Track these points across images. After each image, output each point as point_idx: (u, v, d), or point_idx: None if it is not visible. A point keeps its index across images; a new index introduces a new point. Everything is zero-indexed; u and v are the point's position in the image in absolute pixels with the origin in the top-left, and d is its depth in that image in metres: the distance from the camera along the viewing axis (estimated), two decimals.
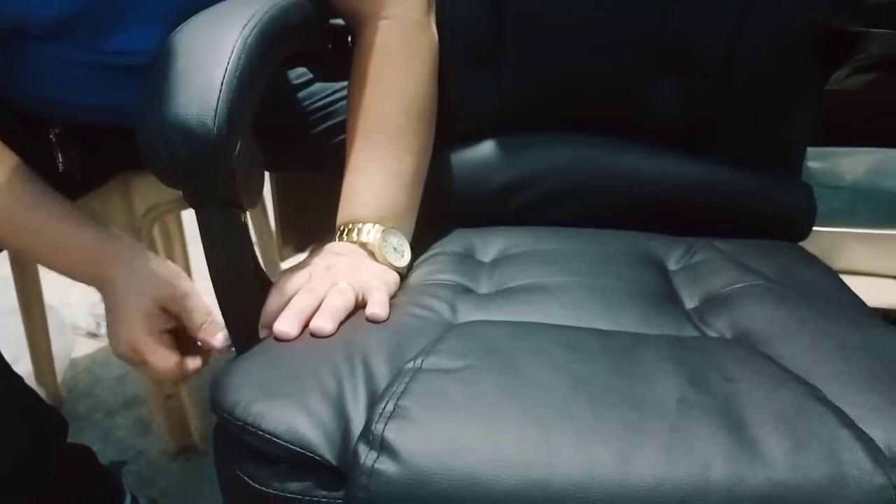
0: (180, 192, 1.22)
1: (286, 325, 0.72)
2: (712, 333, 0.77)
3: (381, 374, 0.65)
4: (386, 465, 0.55)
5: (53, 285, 1.46)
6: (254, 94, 0.74)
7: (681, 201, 1.02)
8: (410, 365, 0.65)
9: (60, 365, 1.58)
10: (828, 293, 0.85)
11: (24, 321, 1.47)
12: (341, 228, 0.87)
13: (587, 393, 0.61)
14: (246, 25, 0.73)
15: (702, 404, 0.60)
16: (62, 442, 1.01)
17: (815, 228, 1.03)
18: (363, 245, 0.85)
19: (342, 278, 0.78)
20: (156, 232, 1.35)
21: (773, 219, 1.04)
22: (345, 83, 0.98)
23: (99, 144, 1.02)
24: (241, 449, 0.62)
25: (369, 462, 0.56)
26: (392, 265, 0.85)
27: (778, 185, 1.04)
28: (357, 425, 0.60)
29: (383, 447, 0.56)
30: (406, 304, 0.79)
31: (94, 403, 1.56)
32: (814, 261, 0.95)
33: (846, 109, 1.18)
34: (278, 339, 0.72)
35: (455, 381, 0.62)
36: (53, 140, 0.99)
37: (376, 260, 0.84)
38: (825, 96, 1.02)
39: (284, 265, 1.54)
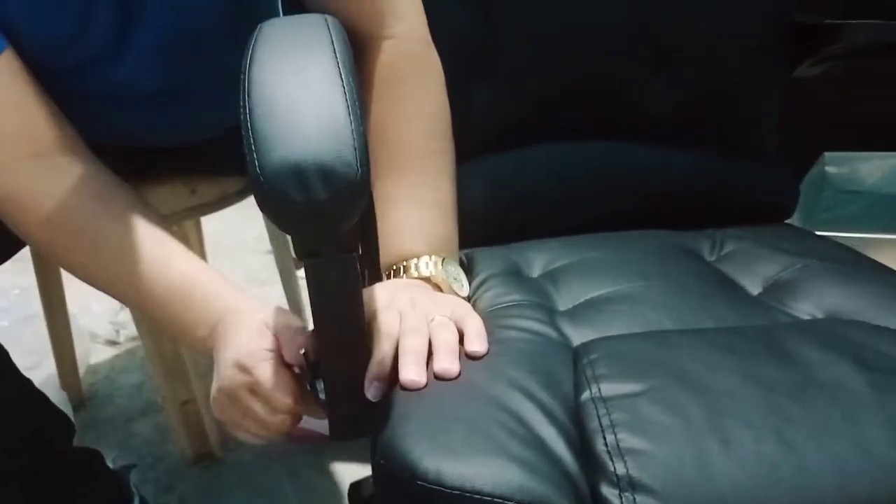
0: (193, 202, 1.19)
1: (413, 373, 0.62)
2: (804, 316, 0.74)
3: (555, 407, 0.59)
4: None
5: (73, 294, 1.42)
6: None
7: (681, 194, 1.00)
8: (587, 395, 0.59)
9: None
10: (863, 263, 0.86)
11: (48, 328, 1.41)
12: (395, 267, 0.77)
13: (783, 392, 0.57)
14: (335, 48, 0.60)
15: (888, 381, 0.58)
16: (67, 444, 0.96)
17: (833, 234, 1.02)
18: (426, 279, 0.75)
19: (433, 312, 0.69)
20: None
21: (765, 201, 1.03)
22: None
23: (106, 155, 0.97)
24: None
25: None
26: (457, 295, 0.76)
27: (765, 169, 1.03)
28: (571, 466, 0.55)
29: (634, 487, 0.51)
30: (501, 329, 0.72)
31: (113, 410, 1.49)
32: (819, 237, 0.95)
33: (863, 114, 1.17)
34: (405, 390, 0.62)
35: (652, 404, 0.57)
36: None
37: (442, 292, 0.76)
38: (843, 102, 1.02)
39: (300, 273, 1.50)
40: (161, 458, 1.36)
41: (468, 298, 0.80)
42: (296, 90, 0.57)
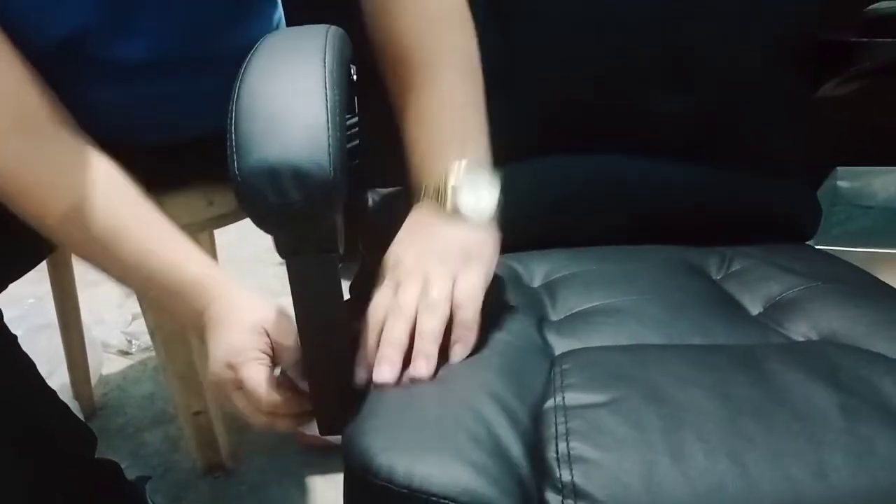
0: (210, 213, 1.21)
1: (385, 373, 0.63)
2: (798, 338, 0.72)
3: (521, 414, 0.59)
4: None
5: (87, 304, 1.44)
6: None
7: (696, 210, 0.99)
8: (551, 403, 0.59)
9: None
10: (874, 287, 0.83)
11: (62, 338, 1.43)
12: (426, 186, 0.74)
13: (748, 411, 0.56)
14: (325, 59, 0.63)
15: (861, 407, 0.57)
16: (90, 455, 0.96)
17: (845, 249, 1.00)
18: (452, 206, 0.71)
19: (434, 277, 0.67)
20: None
21: (783, 221, 1.01)
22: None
23: (121, 163, 0.97)
24: None
25: None
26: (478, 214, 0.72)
27: (784, 188, 1.02)
28: (526, 473, 0.54)
29: (578, 495, 0.51)
30: (486, 334, 0.70)
31: (125, 420, 1.51)
32: (835, 258, 0.93)
33: (876, 129, 1.15)
34: (376, 388, 0.63)
35: (612, 415, 0.56)
36: None
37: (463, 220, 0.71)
38: (856, 117, 1.00)
39: None
40: (171, 469, 1.37)
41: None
42: (279, 97, 0.61)
